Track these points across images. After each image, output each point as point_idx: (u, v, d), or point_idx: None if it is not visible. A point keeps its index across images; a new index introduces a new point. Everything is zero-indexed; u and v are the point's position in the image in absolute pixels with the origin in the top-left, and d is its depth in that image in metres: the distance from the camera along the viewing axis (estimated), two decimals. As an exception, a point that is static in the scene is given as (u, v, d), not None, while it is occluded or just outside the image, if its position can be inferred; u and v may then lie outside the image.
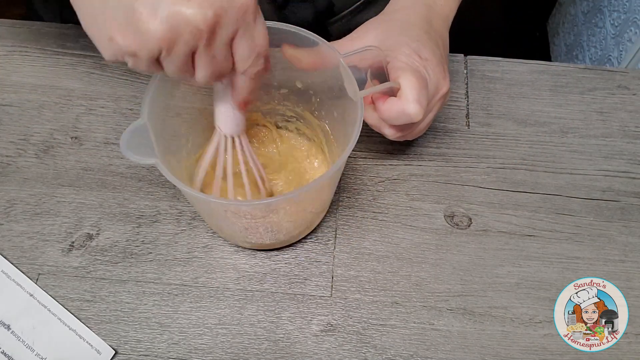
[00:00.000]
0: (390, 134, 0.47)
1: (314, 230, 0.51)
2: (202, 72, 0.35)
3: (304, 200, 0.45)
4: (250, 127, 0.53)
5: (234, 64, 0.37)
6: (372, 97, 0.46)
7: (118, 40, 0.32)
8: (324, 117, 0.51)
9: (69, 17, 0.63)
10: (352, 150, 0.55)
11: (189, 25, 0.31)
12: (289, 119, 0.53)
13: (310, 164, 0.53)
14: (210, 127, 0.46)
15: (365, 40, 0.47)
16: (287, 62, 0.44)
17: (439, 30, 0.49)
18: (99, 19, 0.32)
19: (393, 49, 0.45)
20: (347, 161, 0.55)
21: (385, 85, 0.44)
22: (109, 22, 0.32)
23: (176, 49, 0.32)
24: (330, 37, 0.53)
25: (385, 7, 0.51)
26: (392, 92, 0.44)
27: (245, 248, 0.50)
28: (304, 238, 0.51)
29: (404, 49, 0.45)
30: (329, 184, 0.46)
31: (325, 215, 0.52)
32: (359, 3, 0.65)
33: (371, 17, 0.50)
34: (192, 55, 0.34)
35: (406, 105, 0.43)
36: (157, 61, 0.34)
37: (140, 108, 0.41)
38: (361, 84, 0.43)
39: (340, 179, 0.54)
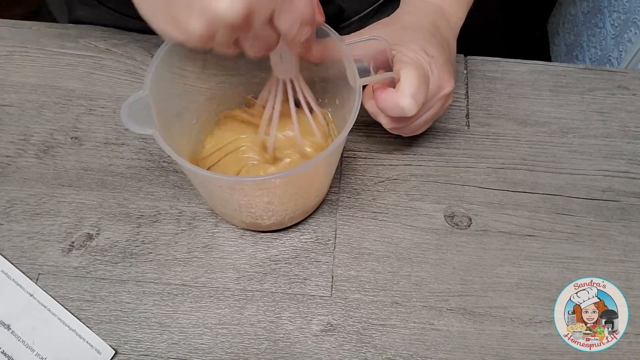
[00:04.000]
0: (385, 122, 0.48)
1: (314, 230, 0.51)
2: (249, 51, 0.38)
3: (297, 181, 0.45)
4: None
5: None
6: (373, 87, 0.46)
7: (169, 33, 0.35)
8: (327, 104, 0.52)
9: (78, 16, 0.63)
10: (352, 151, 0.56)
11: (222, 21, 0.33)
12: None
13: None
14: (218, 109, 0.50)
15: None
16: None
17: (445, 36, 0.50)
18: (152, 16, 0.36)
19: (401, 44, 0.46)
20: (347, 161, 0.55)
21: (385, 75, 0.44)
22: (161, 18, 0.35)
23: (217, 39, 0.35)
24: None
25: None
26: (393, 84, 0.45)
27: (245, 231, 0.50)
28: (305, 238, 0.51)
29: (411, 45, 0.46)
30: (323, 167, 0.46)
31: (324, 214, 0.52)
32: (369, 9, 0.65)
33: None
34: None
35: (401, 98, 0.43)
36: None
37: (143, 80, 0.41)
38: (364, 75, 0.44)
39: (340, 179, 0.54)
